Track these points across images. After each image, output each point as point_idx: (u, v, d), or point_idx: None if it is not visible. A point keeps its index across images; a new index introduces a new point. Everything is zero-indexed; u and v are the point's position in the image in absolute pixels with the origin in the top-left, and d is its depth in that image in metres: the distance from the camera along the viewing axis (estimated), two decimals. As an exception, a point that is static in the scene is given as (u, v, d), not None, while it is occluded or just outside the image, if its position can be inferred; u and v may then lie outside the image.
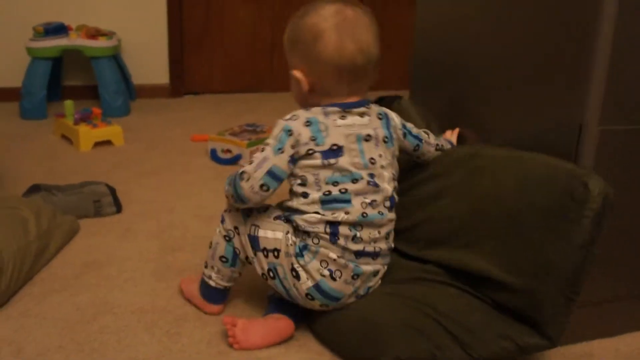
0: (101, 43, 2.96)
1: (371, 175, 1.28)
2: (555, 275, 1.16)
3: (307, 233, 1.27)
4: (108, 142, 2.56)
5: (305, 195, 1.27)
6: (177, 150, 2.54)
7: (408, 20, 3.22)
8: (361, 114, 1.31)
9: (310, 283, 1.27)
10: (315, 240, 1.26)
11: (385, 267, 1.35)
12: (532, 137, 1.32)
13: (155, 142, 2.65)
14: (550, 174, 1.19)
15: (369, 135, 1.30)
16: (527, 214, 1.21)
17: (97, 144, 2.53)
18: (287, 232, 1.28)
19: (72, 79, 3.29)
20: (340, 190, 1.26)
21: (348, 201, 1.26)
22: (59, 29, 2.95)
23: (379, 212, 1.28)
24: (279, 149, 1.25)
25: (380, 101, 2.81)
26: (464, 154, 1.43)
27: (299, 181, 1.28)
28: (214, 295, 1.40)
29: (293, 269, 1.27)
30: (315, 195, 1.26)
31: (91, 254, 1.67)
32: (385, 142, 1.33)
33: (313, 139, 1.25)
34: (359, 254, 1.28)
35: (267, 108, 3.29)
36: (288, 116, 1.28)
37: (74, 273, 1.57)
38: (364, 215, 1.26)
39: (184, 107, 3.23)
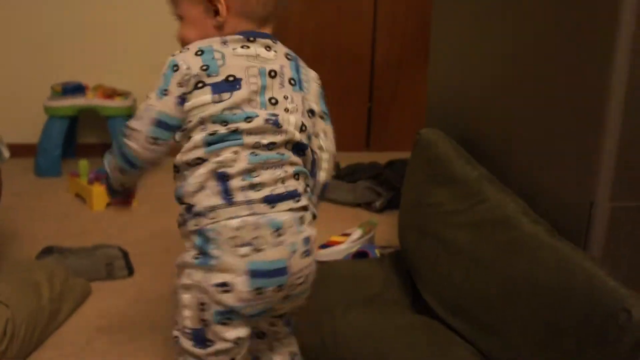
0: (117, 103, 3.02)
1: (272, 115, 1.05)
2: None
3: (200, 213, 1.02)
4: (121, 202, 2.58)
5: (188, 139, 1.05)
6: (189, 210, 2.55)
7: (422, 81, 3.25)
8: (267, 47, 1.10)
9: (241, 278, 1.00)
10: (211, 215, 1.01)
11: (311, 214, 1.09)
12: (543, 213, 1.31)
13: (167, 202, 2.65)
14: (592, 289, 1.10)
15: (273, 72, 1.08)
16: (563, 318, 1.14)
17: (110, 204, 2.55)
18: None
19: (87, 136, 3.34)
20: (230, 130, 1.03)
21: (239, 139, 1.03)
22: (77, 89, 3.03)
23: (278, 154, 1.05)
24: (164, 90, 1.05)
25: (390, 165, 2.84)
26: (497, 217, 1.33)
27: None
28: None
29: (215, 284, 1.01)
30: (198, 136, 1.04)
31: (103, 318, 1.67)
32: (292, 84, 1.10)
33: (204, 68, 1.04)
34: (269, 200, 1.02)
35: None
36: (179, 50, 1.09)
37: (85, 338, 1.57)
38: (255, 154, 1.03)
39: (195, 166, 3.25)
